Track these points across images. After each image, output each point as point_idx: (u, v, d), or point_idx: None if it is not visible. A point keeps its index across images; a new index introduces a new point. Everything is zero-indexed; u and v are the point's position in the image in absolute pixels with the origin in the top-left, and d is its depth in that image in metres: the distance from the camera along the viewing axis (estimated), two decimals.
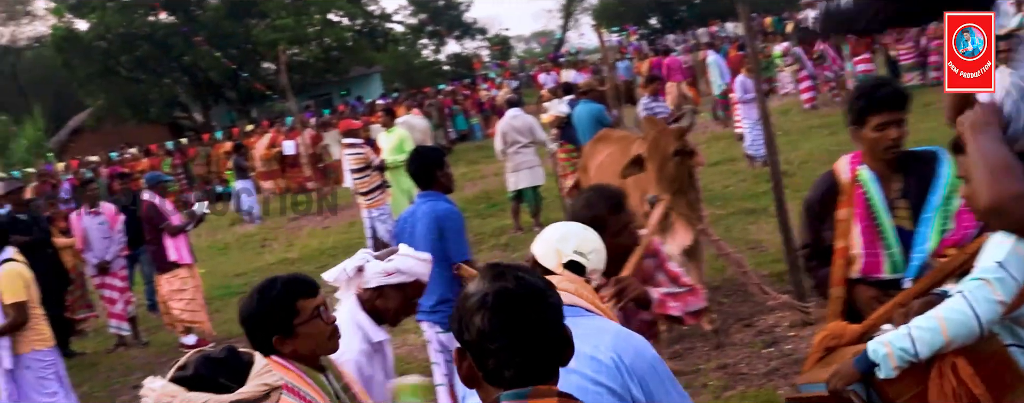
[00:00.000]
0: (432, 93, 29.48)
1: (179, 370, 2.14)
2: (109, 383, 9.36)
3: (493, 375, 1.88)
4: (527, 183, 12.23)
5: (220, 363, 2.16)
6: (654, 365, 2.57)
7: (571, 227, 3.24)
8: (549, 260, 3.10)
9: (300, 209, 18.52)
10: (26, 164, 28.40)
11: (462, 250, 5.22)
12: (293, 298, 2.99)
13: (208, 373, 2.12)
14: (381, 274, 3.59)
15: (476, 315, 1.86)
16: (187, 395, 2.07)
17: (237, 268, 14.04)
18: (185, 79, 38.37)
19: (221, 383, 2.10)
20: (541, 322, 1.89)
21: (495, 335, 1.85)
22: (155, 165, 23.88)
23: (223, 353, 2.20)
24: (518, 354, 1.86)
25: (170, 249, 9.25)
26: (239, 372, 2.15)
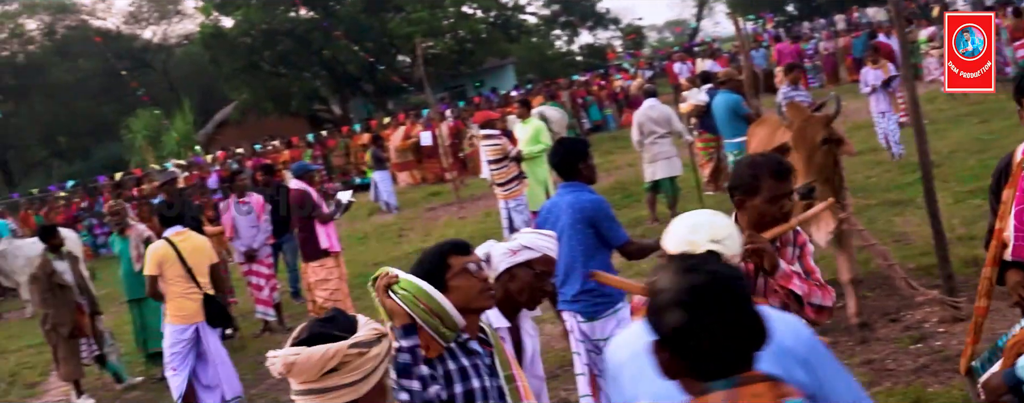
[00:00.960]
0: (565, 84, 29.48)
1: (297, 337, 2.37)
2: (256, 367, 9.68)
3: (695, 368, 1.89)
4: (664, 174, 12.14)
5: (330, 321, 2.41)
6: (813, 345, 2.53)
7: (700, 216, 3.17)
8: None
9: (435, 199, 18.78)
10: (176, 156, 29.62)
11: (619, 234, 5.24)
12: (445, 254, 3.21)
13: (321, 330, 2.36)
14: (507, 254, 3.62)
15: (670, 312, 1.87)
16: (310, 349, 2.30)
17: (375, 257, 14.34)
18: (324, 73, 39.32)
19: (335, 335, 2.33)
20: (736, 313, 1.88)
21: (691, 331, 1.85)
22: (296, 157, 24.59)
23: (329, 314, 2.46)
24: (717, 347, 1.86)
25: (322, 237, 9.45)
26: (348, 325, 2.39)
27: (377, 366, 2.37)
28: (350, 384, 2.32)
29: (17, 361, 12.54)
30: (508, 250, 3.61)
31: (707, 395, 1.85)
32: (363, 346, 2.32)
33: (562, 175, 5.35)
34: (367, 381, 2.34)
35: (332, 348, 2.28)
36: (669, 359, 1.92)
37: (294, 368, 2.30)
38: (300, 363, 2.28)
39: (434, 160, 22.34)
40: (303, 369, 2.29)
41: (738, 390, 1.84)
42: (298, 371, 2.30)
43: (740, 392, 1.83)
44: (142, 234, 9.67)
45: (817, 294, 3.62)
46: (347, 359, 2.29)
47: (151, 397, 9.41)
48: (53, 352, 9.78)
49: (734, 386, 1.85)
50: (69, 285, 9.50)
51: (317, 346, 2.29)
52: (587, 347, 5.17)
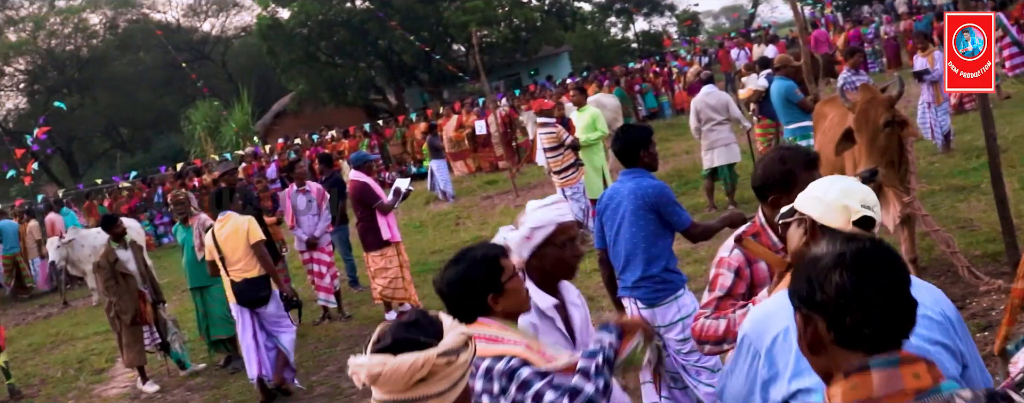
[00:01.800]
0: (621, 71, 29.34)
1: (377, 343, 2.22)
2: (317, 354, 9.80)
3: (849, 336, 1.83)
4: (722, 161, 12.04)
5: (415, 325, 2.24)
6: (959, 315, 2.51)
7: (846, 181, 2.98)
8: (836, 219, 2.85)
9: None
10: (235, 146, 30.00)
11: (683, 218, 5.21)
12: (497, 257, 3.12)
13: (406, 336, 2.19)
14: (523, 241, 3.53)
15: (833, 273, 1.82)
16: (396, 360, 2.13)
17: (433, 245, 14.41)
18: (380, 63, 39.51)
19: (422, 341, 2.17)
20: (899, 280, 1.84)
21: (856, 291, 1.80)
22: (354, 146, 24.79)
23: (414, 316, 2.29)
24: (877, 311, 1.81)
25: (383, 227, 9.50)
26: (435, 329, 2.24)
27: (464, 374, 2.23)
28: (438, 394, 2.18)
29: (85, 348, 12.81)
30: (522, 237, 3.52)
31: (864, 372, 1.79)
32: (452, 354, 2.18)
33: (624, 162, 5.32)
34: (454, 390, 2.21)
35: (421, 358, 2.13)
36: (820, 331, 1.86)
37: (380, 379, 2.14)
38: (387, 374, 2.12)
39: (489, 149, 22.38)
40: (390, 380, 2.13)
41: (899, 369, 1.77)
42: (384, 382, 2.14)
43: (902, 372, 1.77)
44: (205, 223, 9.80)
45: None
46: (436, 368, 2.15)
47: (214, 383, 9.55)
48: (118, 339, 9.98)
49: (895, 365, 1.78)
50: (132, 274, 9.68)
51: (404, 355, 2.13)
52: None
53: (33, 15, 44.24)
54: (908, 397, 1.75)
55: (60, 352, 12.98)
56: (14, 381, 10.78)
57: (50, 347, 13.58)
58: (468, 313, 3.09)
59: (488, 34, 35.23)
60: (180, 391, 9.58)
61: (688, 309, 5.09)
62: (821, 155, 7.85)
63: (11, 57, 43.40)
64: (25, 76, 44.72)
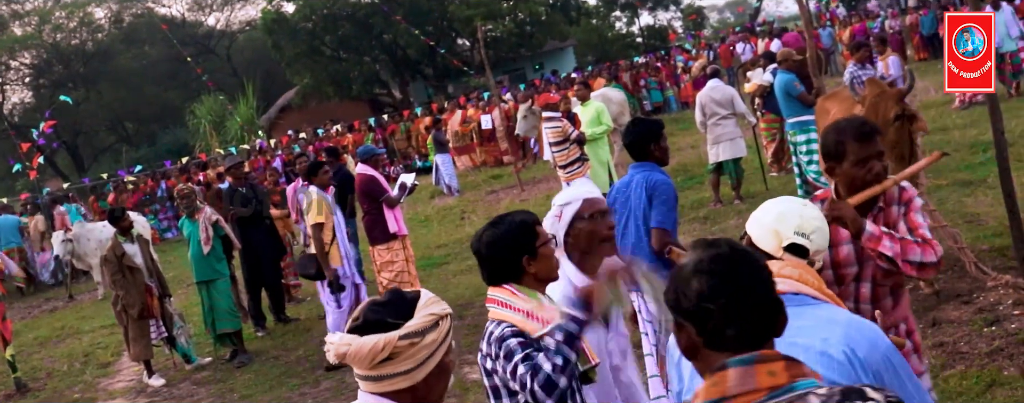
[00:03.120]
0: (626, 66, 29.31)
1: (353, 321, 2.33)
2: (320, 348, 9.78)
3: (713, 339, 1.89)
4: (727, 155, 12.01)
5: (385, 305, 2.35)
6: (889, 357, 2.44)
7: (788, 204, 3.04)
8: (767, 243, 2.94)
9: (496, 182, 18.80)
10: (240, 141, 30.01)
11: (665, 218, 5.14)
12: (533, 223, 3.30)
13: (375, 317, 2.30)
14: (555, 221, 3.71)
15: (693, 279, 1.89)
16: (361, 340, 2.25)
17: (438, 240, 14.42)
18: (384, 57, 39.50)
19: (389, 322, 2.27)
20: (756, 281, 1.91)
21: (714, 294, 1.87)
22: (359, 140, 24.79)
23: (388, 296, 2.39)
24: (737, 312, 1.87)
25: (390, 221, 9.51)
26: (405, 309, 2.32)
27: (433, 352, 2.32)
28: (404, 372, 2.29)
29: (91, 341, 12.83)
30: (553, 217, 3.70)
31: (723, 371, 1.84)
32: (415, 336, 2.27)
33: (634, 156, 5.30)
34: (422, 368, 2.29)
35: (381, 341, 2.24)
36: (689, 336, 1.93)
37: (347, 358, 2.28)
38: (351, 353, 2.26)
39: (494, 143, 22.37)
40: (355, 359, 2.26)
41: (754, 367, 1.82)
42: (350, 360, 2.28)
43: (756, 369, 1.82)
44: (210, 217, 9.82)
45: (915, 251, 3.57)
46: (398, 349, 2.25)
47: (220, 377, 9.56)
48: (124, 333, 10.00)
49: (751, 363, 1.83)
50: (139, 267, 9.69)
51: (368, 337, 2.25)
52: (654, 328, 5.14)
53: (39, 9, 44.31)
54: (761, 394, 1.80)
55: (66, 346, 13.00)
56: (21, 374, 10.81)
57: (56, 341, 13.60)
58: (502, 275, 3.27)
59: (493, 28, 35.22)
60: (186, 385, 9.60)
61: None
62: None
63: (17, 51, 43.49)
64: (31, 70, 44.82)
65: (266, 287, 11.10)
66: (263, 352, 10.14)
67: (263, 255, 10.85)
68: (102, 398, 9.86)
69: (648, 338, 5.18)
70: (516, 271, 3.25)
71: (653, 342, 5.16)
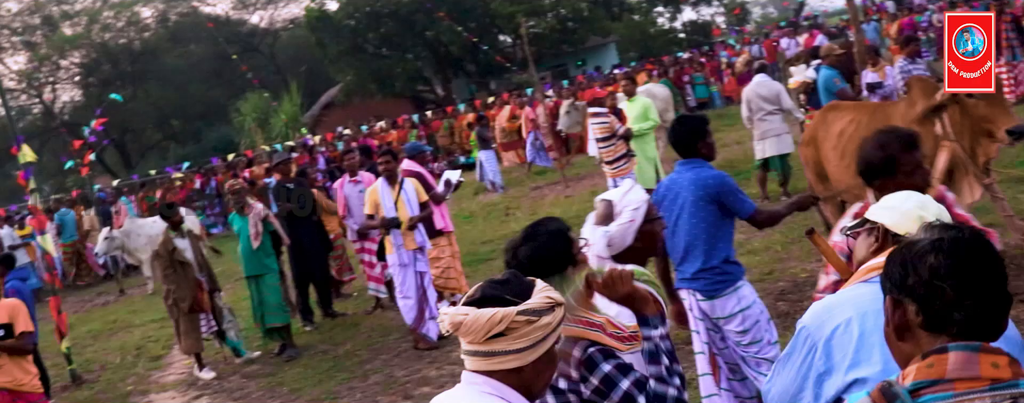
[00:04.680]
0: (669, 61, 29.18)
1: (470, 297, 2.37)
2: (370, 342, 9.88)
3: (936, 320, 1.83)
4: (773, 151, 11.93)
5: (504, 283, 2.39)
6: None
7: (917, 195, 3.04)
8: (910, 228, 2.83)
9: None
10: (284, 138, 30.23)
11: (746, 205, 5.16)
12: (567, 230, 3.25)
13: (493, 293, 2.34)
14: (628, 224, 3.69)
15: (928, 256, 1.83)
16: (479, 311, 2.29)
17: (483, 236, 14.46)
18: (427, 54, 39.60)
19: (507, 299, 2.30)
20: (994, 268, 1.84)
21: (949, 274, 1.81)
22: (402, 137, 24.88)
23: (506, 276, 2.44)
24: (970, 297, 1.80)
25: (436, 217, 9.57)
26: (523, 289, 2.36)
27: (547, 335, 2.33)
28: (516, 351, 2.30)
29: (142, 335, 13.03)
30: (627, 222, 3.67)
31: (942, 353, 1.77)
32: (532, 314, 2.29)
33: (681, 152, 5.27)
34: (534, 349, 2.32)
35: (499, 313, 2.27)
36: (908, 315, 1.86)
37: (461, 328, 2.31)
38: (466, 324, 2.29)
39: None
40: (469, 330, 2.29)
41: (978, 355, 1.76)
42: (464, 331, 2.31)
43: (980, 358, 1.75)
44: (260, 213, 9.92)
45: None
46: (515, 325, 2.28)
47: (269, 370, 9.67)
48: (175, 326, 10.16)
49: (975, 351, 1.76)
50: (189, 262, 9.83)
51: (486, 309, 2.29)
52: (706, 325, 5.13)
53: (88, 9, 44.89)
54: (983, 383, 1.73)
55: (118, 339, 13.22)
56: (76, 366, 11.01)
57: (108, 334, 13.83)
58: None
59: (535, 25, 35.18)
60: (236, 378, 9.72)
61: (747, 300, 5.04)
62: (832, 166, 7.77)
63: (67, 51, 44.10)
64: (80, 69, 45.41)
65: (314, 282, 11.20)
66: (311, 346, 10.24)
67: (311, 251, 10.94)
68: (154, 390, 10.01)
69: (699, 336, 5.17)
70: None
71: (704, 340, 5.15)
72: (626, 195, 3.73)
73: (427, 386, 7.90)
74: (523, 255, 3.18)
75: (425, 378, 8.17)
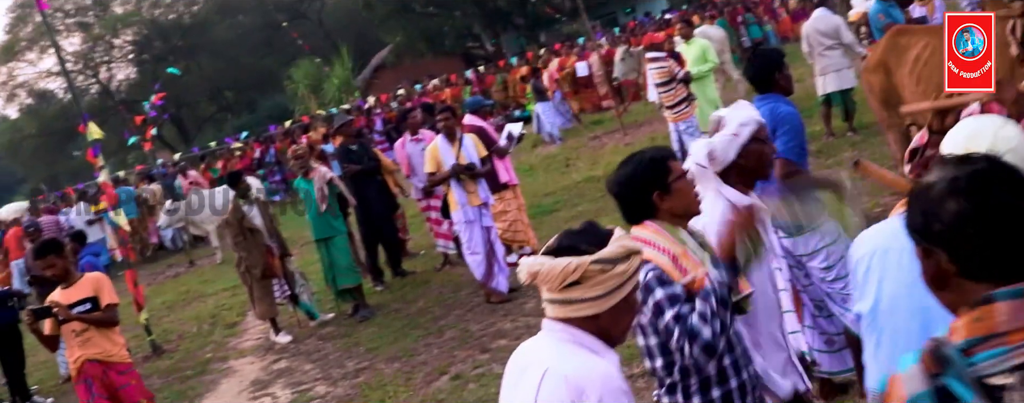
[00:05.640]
0: (722, 2, 28.68)
1: (546, 247, 2.44)
2: (442, 299, 9.92)
3: (972, 267, 1.65)
4: (834, 87, 11.68)
5: (579, 233, 2.47)
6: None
7: (984, 122, 2.84)
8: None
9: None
10: (338, 102, 30.36)
11: (787, 148, 4.85)
12: (664, 158, 3.27)
13: (569, 243, 2.41)
14: (731, 138, 3.69)
15: (948, 200, 1.65)
16: (553, 261, 2.36)
17: (545, 188, 14.42)
18: (475, 10, 39.40)
19: (582, 248, 2.37)
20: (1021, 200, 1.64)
21: (975, 216, 1.63)
22: (456, 94, 24.86)
23: (582, 226, 2.51)
24: (1004, 236, 1.62)
25: (501, 171, 9.53)
26: (599, 239, 2.41)
27: (623, 283, 2.39)
28: (592, 298, 2.37)
29: (215, 303, 13.23)
30: (731, 135, 3.67)
31: (989, 304, 1.59)
32: (606, 263, 2.35)
33: (758, 88, 5.13)
34: (610, 297, 2.38)
35: (574, 262, 2.33)
36: (939, 263, 1.68)
37: (538, 277, 2.37)
38: (543, 273, 2.35)
39: (591, 89, 22.18)
40: (546, 279, 2.36)
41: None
42: (541, 280, 2.37)
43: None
44: (325, 176, 9.96)
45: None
46: (589, 274, 2.34)
47: (344, 332, 9.76)
48: (248, 293, 10.27)
49: (1022, 296, 1.57)
50: (259, 228, 9.92)
51: (561, 259, 2.35)
52: (789, 262, 5.03)
53: None
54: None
55: (193, 309, 13.44)
56: (155, 337, 11.22)
57: (183, 304, 14.07)
58: (636, 213, 3.27)
59: None
60: (312, 340, 9.82)
61: (830, 236, 4.92)
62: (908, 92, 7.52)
63: (119, 29, 44.64)
64: (133, 47, 45.96)
65: (383, 242, 11.24)
66: (384, 306, 10.30)
67: (378, 211, 10.97)
68: (233, 356, 10.16)
69: (782, 273, 5.07)
70: (649, 208, 3.24)
71: (787, 278, 5.05)
72: (735, 110, 3.76)
73: (503, 339, 7.91)
74: (615, 178, 3.31)
75: (500, 331, 8.18)
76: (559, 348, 2.40)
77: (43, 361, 11.50)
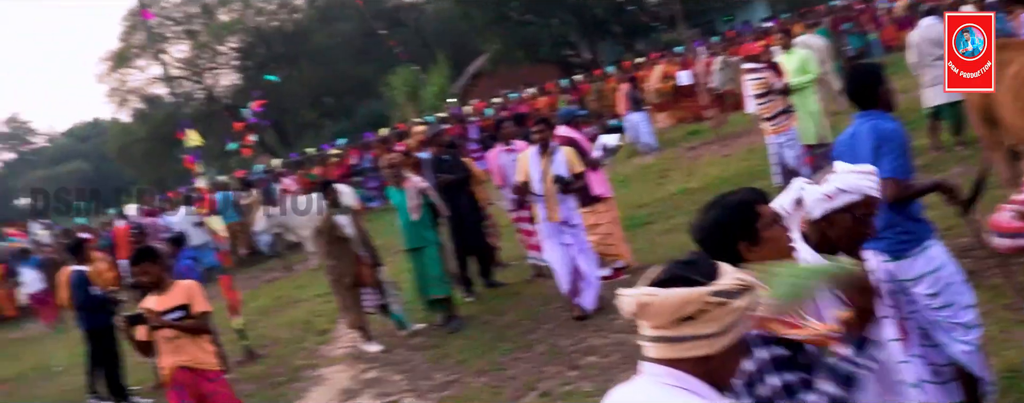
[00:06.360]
0: (824, 11, 28.04)
1: (653, 279, 2.20)
2: (532, 311, 9.81)
3: None
4: (944, 99, 11.22)
5: (691, 264, 2.20)
6: None
7: None
8: None
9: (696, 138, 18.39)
10: (435, 109, 30.54)
11: (896, 166, 4.58)
12: (753, 202, 2.96)
13: (681, 273, 2.16)
14: (823, 199, 3.27)
15: None
16: (667, 292, 2.12)
17: (639, 199, 14.21)
18: (572, 18, 39.32)
19: (695, 279, 2.13)
20: None
21: None
22: (552, 103, 24.76)
23: (692, 256, 2.26)
24: None
25: (594, 183, 9.40)
26: (711, 270, 2.18)
27: (738, 320, 2.14)
28: (706, 336, 2.12)
29: (308, 310, 13.35)
30: (824, 195, 3.26)
31: None
32: (725, 296, 2.11)
33: (859, 103, 4.88)
34: (726, 335, 2.13)
35: (693, 293, 2.10)
36: None
37: (646, 310, 2.13)
38: (654, 306, 2.12)
39: (692, 99, 21.86)
40: (656, 313, 2.12)
41: None
42: (650, 314, 2.13)
43: None
44: (418, 185, 9.95)
45: None
46: (706, 307, 2.10)
47: (434, 342, 9.72)
48: (339, 301, 10.31)
49: None
50: (350, 237, 9.94)
51: (675, 289, 2.11)
52: (892, 288, 4.78)
53: None
54: None
55: (286, 314, 13.58)
56: (249, 342, 11.35)
57: (276, 309, 14.24)
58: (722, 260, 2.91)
59: None
60: (402, 350, 9.80)
61: (936, 261, 4.62)
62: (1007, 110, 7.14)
63: (224, 37, 45.75)
64: (237, 54, 47.03)
65: (473, 253, 11.19)
66: (474, 317, 10.24)
67: (469, 221, 10.93)
68: (323, 364, 10.20)
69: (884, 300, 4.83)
70: (735, 259, 2.81)
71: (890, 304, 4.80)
72: (851, 173, 3.31)
73: (593, 355, 7.77)
74: (697, 224, 3.01)
75: (591, 347, 8.03)
76: (667, 394, 2.12)
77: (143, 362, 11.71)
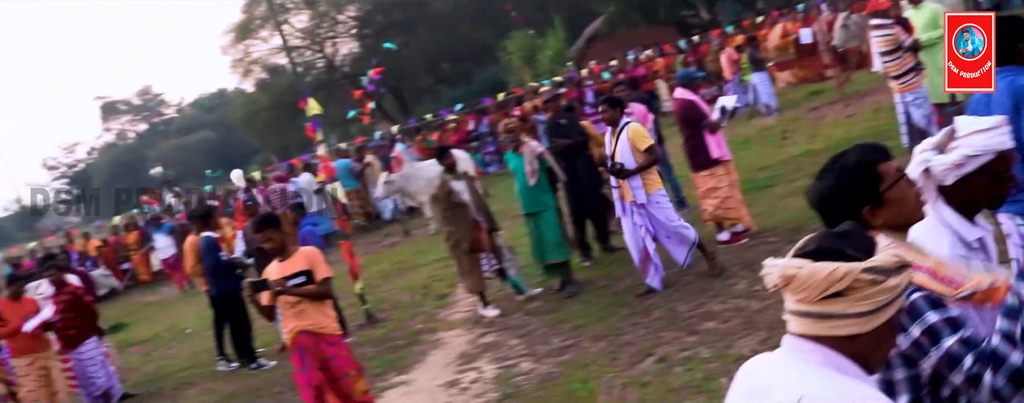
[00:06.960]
0: None
1: (801, 249, 2.06)
2: None
3: None
4: None
5: (845, 236, 2.07)
6: None
7: None
8: None
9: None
10: (551, 73, 30.44)
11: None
12: (873, 162, 2.74)
13: (832, 246, 2.02)
14: (951, 168, 2.95)
15: None
16: (816, 264, 1.98)
17: (760, 162, 13.90)
18: None
19: (848, 254, 1.99)
20: None
21: None
22: (669, 65, 24.39)
23: (848, 227, 2.11)
24: None
25: (712, 146, 9.22)
26: (866, 244, 2.03)
27: (892, 299, 1.99)
28: (856, 315, 1.98)
29: (427, 274, 13.51)
30: (952, 164, 2.94)
31: None
32: (880, 273, 1.96)
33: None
34: (878, 315, 1.99)
35: (842, 268, 1.95)
36: None
37: (793, 282, 2.00)
38: (801, 278, 1.99)
39: (814, 58, 21.24)
40: (803, 286, 1.99)
41: None
42: (797, 287, 2.00)
43: None
44: (535, 150, 9.91)
45: None
46: (858, 285, 1.96)
47: (550, 307, 9.71)
48: (457, 266, 10.38)
49: None
50: (466, 203, 9.98)
51: (824, 263, 1.97)
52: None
53: None
54: None
55: (405, 279, 13.77)
56: (370, 306, 11.55)
57: (396, 274, 14.45)
58: None
59: None
60: (519, 315, 9.82)
61: None
62: None
63: (343, 6, 46.41)
64: (356, 22, 47.65)
65: (591, 217, 11.12)
66: (591, 282, 10.19)
67: (587, 186, 10.85)
68: (442, 328, 10.30)
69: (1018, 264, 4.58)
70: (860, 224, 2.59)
71: None
72: (977, 134, 2.97)
73: (711, 321, 7.63)
74: (813, 192, 2.80)
75: (709, 313, 7.90)
76: (814, 372, 2.00)
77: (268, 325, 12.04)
